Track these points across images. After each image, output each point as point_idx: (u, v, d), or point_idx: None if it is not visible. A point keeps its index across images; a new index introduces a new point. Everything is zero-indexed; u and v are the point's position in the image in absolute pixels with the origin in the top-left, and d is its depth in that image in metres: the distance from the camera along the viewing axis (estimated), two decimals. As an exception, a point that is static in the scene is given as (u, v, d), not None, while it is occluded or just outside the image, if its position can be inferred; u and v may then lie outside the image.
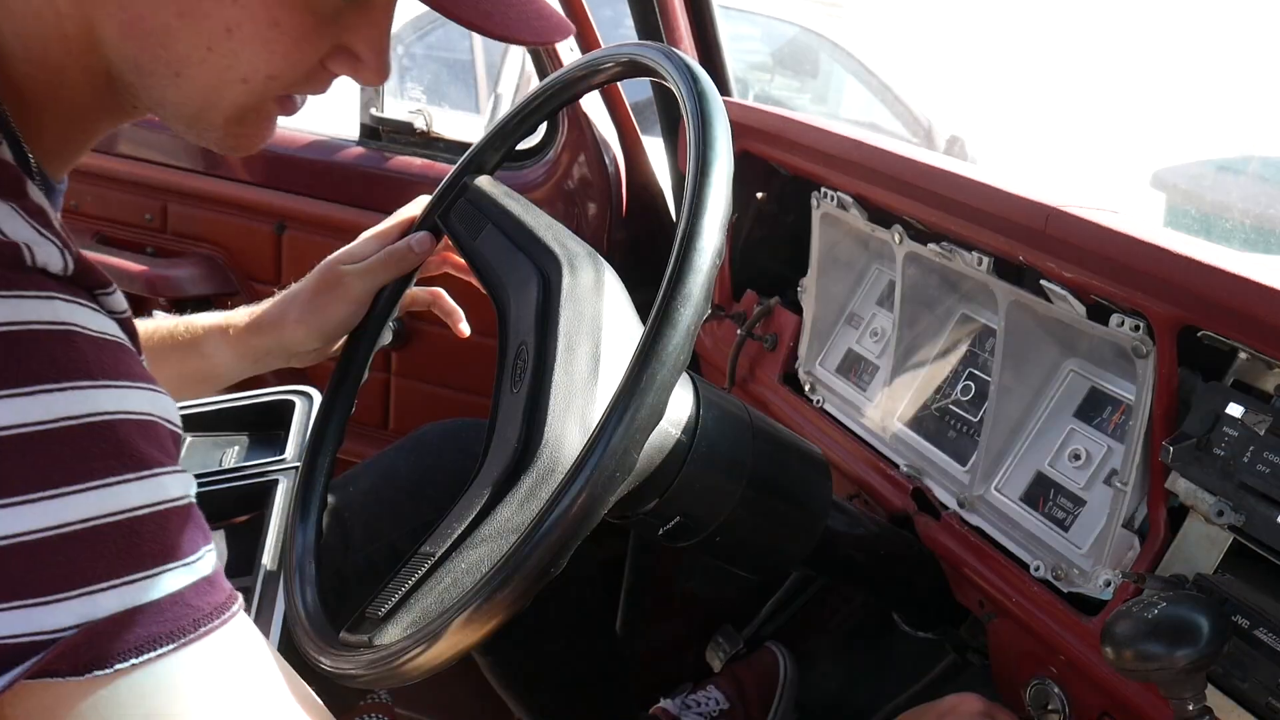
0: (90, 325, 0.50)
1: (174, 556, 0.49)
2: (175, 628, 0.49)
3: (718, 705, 1.32)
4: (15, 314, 0.47)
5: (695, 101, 0.68)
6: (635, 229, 1.69)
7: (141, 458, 0.49)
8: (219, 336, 0.98)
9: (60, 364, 0.47)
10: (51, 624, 0.45)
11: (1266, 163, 3.34)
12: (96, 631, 0.46)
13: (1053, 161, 3.68)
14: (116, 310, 0.56)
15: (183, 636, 0.49)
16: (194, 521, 0.52)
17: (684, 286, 0.59)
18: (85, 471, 0.47)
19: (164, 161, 1.85)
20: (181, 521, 0.51)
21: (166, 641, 0.48)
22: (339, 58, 0.63)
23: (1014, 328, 0.99)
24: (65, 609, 0.45)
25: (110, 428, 0.48)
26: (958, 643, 1.11)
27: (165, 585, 0.49)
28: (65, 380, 0.47)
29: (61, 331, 0.48)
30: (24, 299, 0.47)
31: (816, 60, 4.23)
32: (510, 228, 0.87)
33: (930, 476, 1.08)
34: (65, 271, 0.51)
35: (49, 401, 0.46)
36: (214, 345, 0.98)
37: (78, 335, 0.49)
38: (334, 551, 1.03)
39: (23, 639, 0.45)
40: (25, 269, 0.48)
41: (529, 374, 0.74)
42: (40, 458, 0.46)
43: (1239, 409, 0.76)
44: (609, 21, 2.24)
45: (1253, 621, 0.72)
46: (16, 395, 0.45)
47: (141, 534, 0.48)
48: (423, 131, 1.76)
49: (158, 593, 0.48)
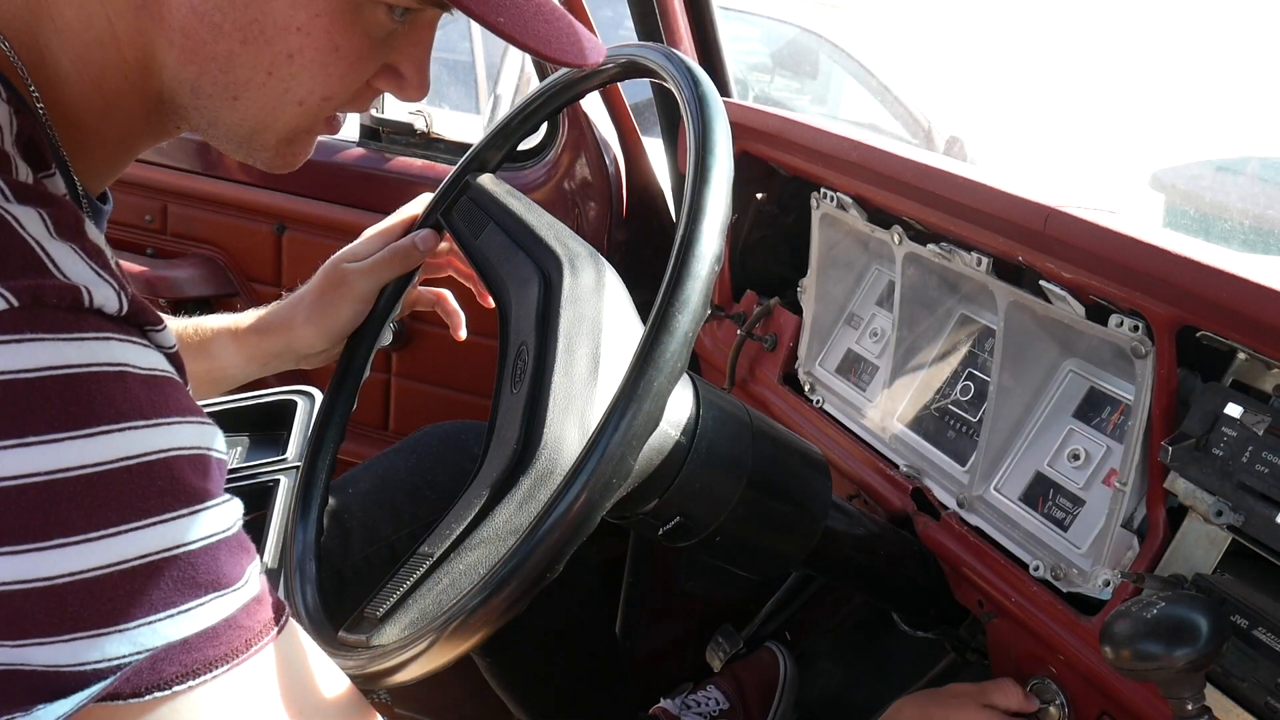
0: (141, 364, 0.52)
1: (226, 584, 0.52)
2: (229, 649, 0.51)
3: (718, 705, 1.32)
4: (77, 356, 0.48)
5: (695, 104, 0.68)
6: (635, 229, 1.69)
7: (193, 492, 0.51)
8: (227, 339, 0.99)
9: (117, 405, 0.49)
10: (115, 652, 0.47)
11: (1265, 163, 3.34)
12: (157, 658, 0.49)
13: (1053, 161, 3.68)
14: (166, 346, 0.57)
15: (236, 657, 0.51)
16: (242, 546, 0.54)
17: (682, 293, 0.59)
18: (142, 510, 0.49)
19: (164, 163, 1.85)
20: (231, 549, 0.53)
21: (222, 663, 0.51)
22: (385, 76, 0.65)
23: (1013, 328, 0.99)
24: (128, 639, 0.48)
25: (165, 465, 0.50)
26: (957, 643, 1.11)
27: (219, 610, 0.51)
28: (122, 421, 0.49)
29: (116, 373, 0.50)
30: (84, 341, 0.49)
31: (816, 61, 4.23)
32: (512, 226, 0.87)
33: (930, 476, 1.08)
34: (120, 312, 0.52)
35: (108, 443, 0.48)
36: (222, 347, 0.99)
37: (130, 375, 0.50)
38: (333, 552, 1.03)
39: (89, 666, 0.47)
40: (83, 311, 0.50)
41: (529, 375, 0.74)
42: (101, 498, 0.48)
43: (1238, 409, 0.76)
44: (609, 22, 2.24)
45: (1251, 621, 0.72)
46: (80, 438, 0.47)
47: (197, 566, 0.50)
48: (423, 132, 1.76)
49: (213, 618, 0.51)
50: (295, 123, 0.63)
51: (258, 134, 0.64)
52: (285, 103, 0.61)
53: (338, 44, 0.59)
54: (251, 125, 0.63)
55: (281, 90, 0.60)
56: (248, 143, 0.64)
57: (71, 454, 0.47)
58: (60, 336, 0.48)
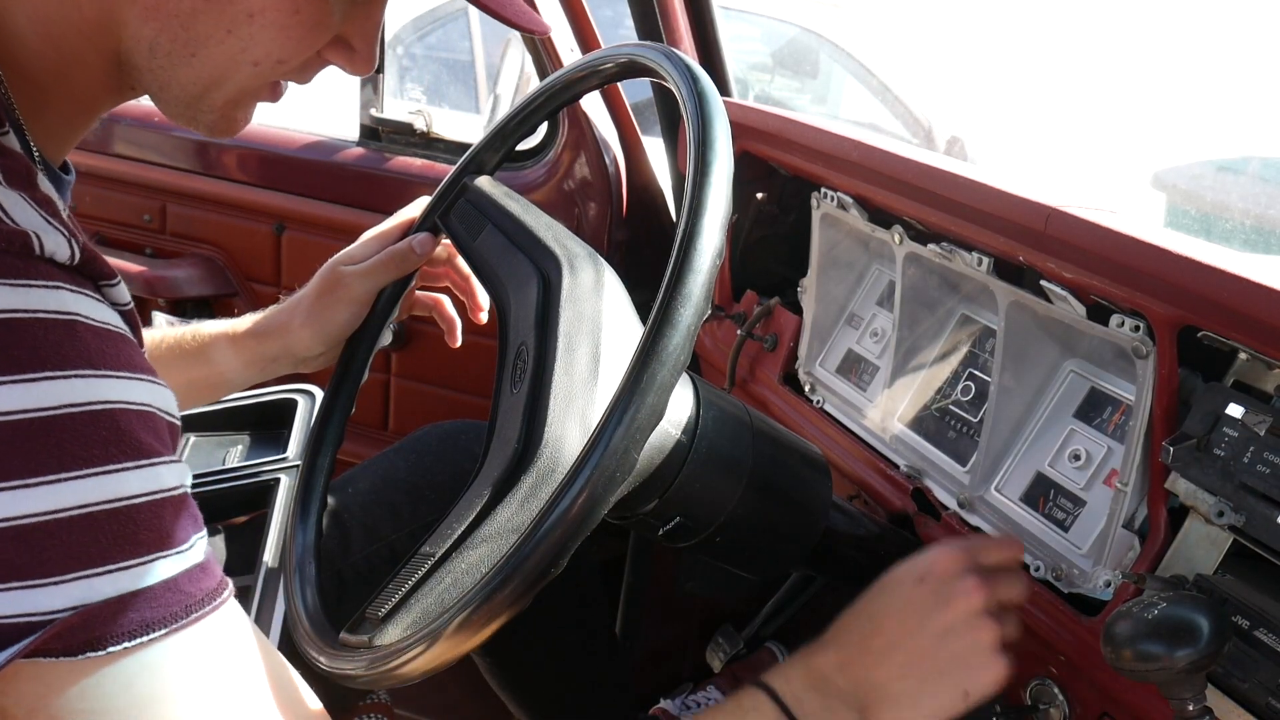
0: (94, 315, 0.51)
1: (169, 544, 0.50)
2: (168, 613, 0.50)
3: (716, 703, 1.32)
4: (23, 302, 0.47)
5: (695, 102, 0.68)
6: (635, 229, 1.69)
7: (140, 446, 0.50)
8: (225, 343, 0.98)
9: (64, 352, 0.48)
10: (48, 606, 0.46)
11: (1266, 163, 3.34)
12: (91, 615, 0.47)
13: (1053, 161, 3.68)
14: (120, 302, 0.56)
15: (175, 622, 0.50)
16: (188, 510, 0.53)
17: (684, 286, 0.59)
18: (84, 458, 0.47)
19: (163, 162, 1.85)
20: (176, 510, 0.52)
21: (160, 626, 0.49)
22: (336, 48, 0.66)
23: (1014, 328, 0.99)
24: (62, 592, 0.46)
25: (110, 416, 0.49)
26: (958, 643, 1.11)
27: (160, 571, 0.49)
28: (68, 368, 0.48)
29: (66, 321, 0.49)
30: (31, 288, 0.48)
31: (816, 60, 4.23)
32: (510, 228, 0.86)
33: (930, 477, 1.08)
34: (72, 261, 0.52)
35: (52, 389, 0.47)
36: (221, 352, 0.98)
37: (81, 325, 0.50)
38: (333, 552, 1.03)
39: (19, 619, 0.46)
40: (33, 257, 0.49)
41: (529, 374, 0.74)
42: (41, 443, 0.46)
43: (1239, 409, 0.76)
44: (609, 21, 2.24)
45: (1253, 622, 0.72)
46: (20, 381, 0.46)
47: (138, 521, 0.49)
48: (422, 132, 1.76)
49: (152, 579, 0.49)
50: (246, 84, 0.64)
51: (209, 94, 0.64)
52: (241, 62, 0.62)
53: (298, 7, 0.60)
54: (205, 84, 0.63)
55: (239, 49, 0.61)
56: (196, 103, 0.65)
57: (12, 398, 0.46)
58: (7, 281, 0.47)
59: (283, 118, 1.88)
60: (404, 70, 3.53)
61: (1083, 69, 4.23)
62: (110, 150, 1.87)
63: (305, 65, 0.65)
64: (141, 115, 1.86)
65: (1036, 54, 4.33)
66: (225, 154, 1.84)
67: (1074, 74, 4.22)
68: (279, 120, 1.86)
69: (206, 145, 1.84)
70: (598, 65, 0.85)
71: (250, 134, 1.84)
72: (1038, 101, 4.11)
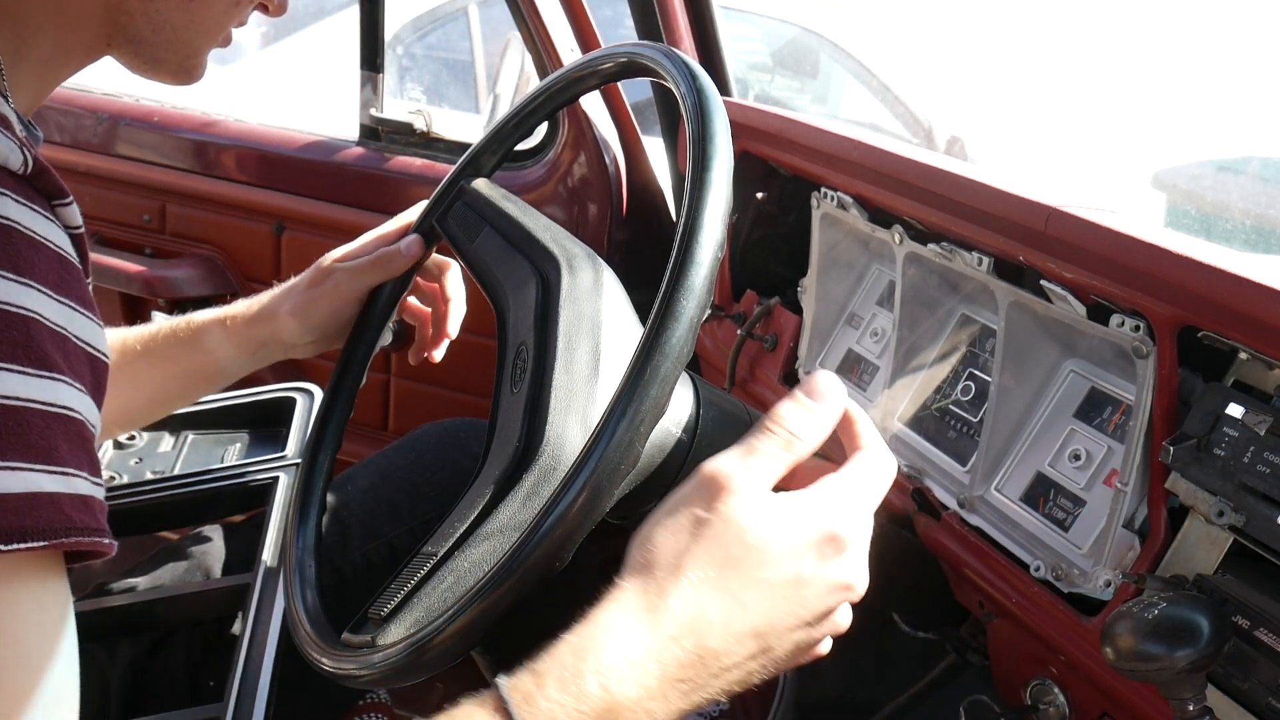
0: (33, 227, 0.51)
1: (58, 462, 0.49)
2: (48, 526, 0.48)
3: (717, 706, 1.32)
4: None
5: (695, 100, 0.68)
6: (635, 229, 1.69)
7: (46, 359, 0.49)
8: (219, 330, 0.98)
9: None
10: None
11: (1266, 163, 3.34)
12: None
13: (1053, 161, 3.68)
14: (71, 224, 0.56)
15: (53, 538, 0.48)
16: (85, 445, 0.51)
17: (686, 279, 0.59)
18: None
19: (163, 162, 1.85)
20: (72, 434, 0.50)
21: (37, 538, 0.47)
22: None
23: (1014, 328, 0.99)
24: None
25: (24, 322, 0.48)
26: (958, 643, 1.11)
27: (45, 483, 0.48)
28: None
29: (2, 226, 0.49)
30: None
31: (816, 60, 4.22)
32: (508, 229, 0.86)
33: (930, 476, 1.08)
34: (24, 170, 0.52)
35: None
36: (215, 340, 0.98)
37: (16, 232, 0.49)
38: (332, 550, 1.03)
39: None
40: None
41: (529, 374, 0.74)
42: None
43: (1239, 409, 0.76)
44: (609, 21, 2.24)
45: (1253, 622, 0.72)
46: None
47: (32, 427, 0.48)
48: (422, 132, 1.76)
49: (37, 487, 0.47)
50: (226, 23, 0.69)
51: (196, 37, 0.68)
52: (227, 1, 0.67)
53: None
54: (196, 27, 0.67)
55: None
56: (184, 46, 0.68)
57: None
58: None
59: (283, 118, 1.88)
60: (404, 70, 3.53)
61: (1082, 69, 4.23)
62: (110, 150, 1.87)
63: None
64: (141, 115, 1.86)
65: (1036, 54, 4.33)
66: (225, 154, 1.84)
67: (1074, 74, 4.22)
68: (279, 120, 1.86)
69: (206, 145, 1.84)
70: (597, 65, 0.85)
71: (250, 134, 1.84)
72: (1038, 101, 4.11)
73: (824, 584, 0.57)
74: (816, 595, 0.57)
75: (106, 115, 1.86)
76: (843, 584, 0.58)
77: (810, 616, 0.57)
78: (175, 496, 1.08)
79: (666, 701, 0.52)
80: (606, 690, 0.51)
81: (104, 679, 0.92)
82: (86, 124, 1.88)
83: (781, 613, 0.55)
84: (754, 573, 0.55)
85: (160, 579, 0.99)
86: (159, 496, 1.08)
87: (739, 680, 0.56)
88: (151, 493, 1.08)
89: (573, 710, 0.50)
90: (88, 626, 0.94)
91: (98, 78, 1.88)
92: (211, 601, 0.96)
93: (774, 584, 0.55)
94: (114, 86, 1.91)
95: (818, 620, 0.58)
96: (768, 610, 0.55)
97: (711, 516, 0.55)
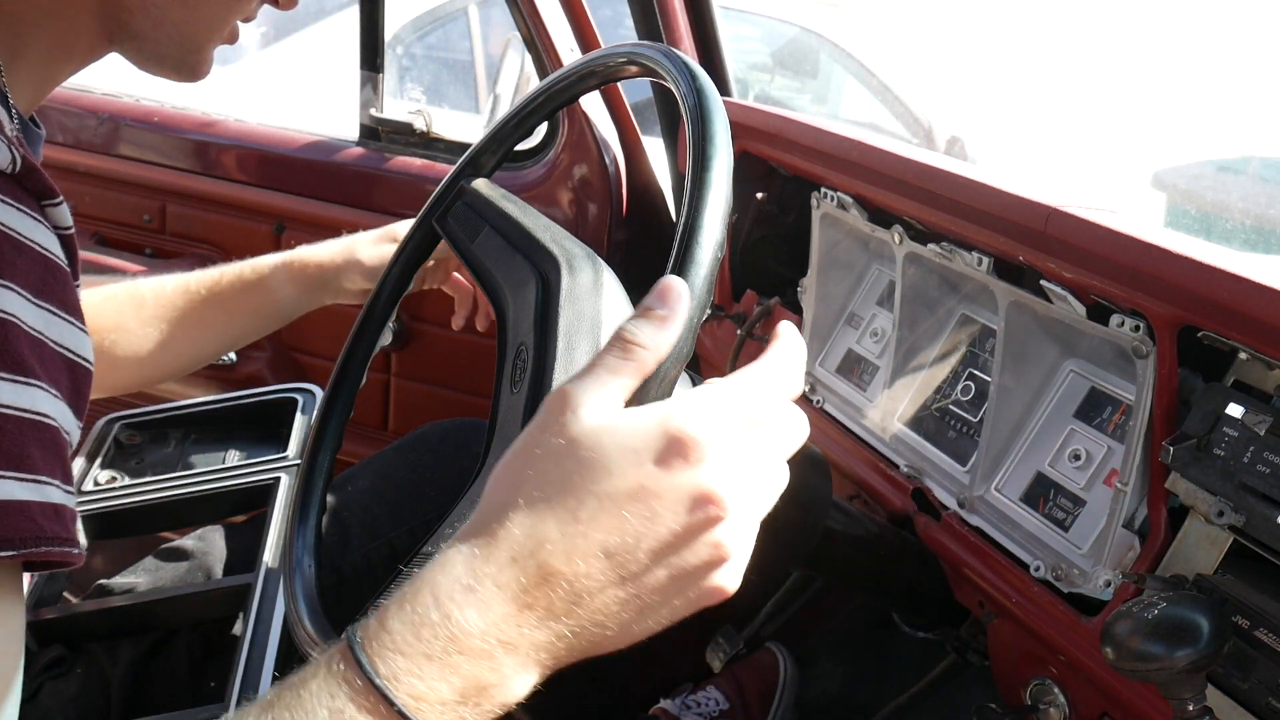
0: (18, 228, 0.50)
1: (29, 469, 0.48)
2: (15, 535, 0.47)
3: (718, 706, 1.32)
4: None
5: (694, 99, 0.68)
6: (635, 229, 1.69)
7: (22, 363, 0.49)
8: (284, 273, 1.08)
9: None
10: None
11: (1266, 163, 3.34)
12: None
13: (1053, 161, 3.68)
14: (61, 225, 0.56)
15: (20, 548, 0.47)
16: (59, 453, 0.51)
17: (686, 279, 0.59)
18: None
19: (163, 162, 1.85)
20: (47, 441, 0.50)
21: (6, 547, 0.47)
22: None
23: (1014, 328, 0.99)
24: None
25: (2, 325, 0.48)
26: (958, 643, 1.11)
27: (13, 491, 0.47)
28: None
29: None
30: None
31: (816, 60, 4.22)
32: (508, 229, 0.86)
33: (930, 476, 1.08)
34: (11, 169, 0.51)
35: None
36: (279, 281, 1.08)
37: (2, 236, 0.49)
38: (333, 550, 1.03)
39: None
40: None
41: (529, 374, 0.74)
42: None
43: (1239, 409, 0.76)
44: (609, 21, 2.24)
45: (1253, 622, 0.72)
46: None
47: (3, 431, 0.47)
48: (422, 132, 1.76)
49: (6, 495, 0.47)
50: (230, 18, 0.68)
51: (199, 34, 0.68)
52: None
53: None
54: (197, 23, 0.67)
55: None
56: (187, 43, 0.68)
57: None
58: None
59: (283, 118, 1.88)
60: (404, 70, 3.53)
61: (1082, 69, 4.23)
62: (110, 150, 1.87)
63: None
64: (142, 115, 1.86)
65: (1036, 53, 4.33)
66: (225, 154, 1.84)
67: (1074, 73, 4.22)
68: (279, 120, 1.86)
69: (206, 145, 1.84)
70: (597, 65, 0.85)
71: (250, 134, 1.84)
72: (1037, 101, 4.11)
73: (674, 495, 0.49)
74: (669, 509, 0.49)
75: (107, 115, 1.86)
76: (698, 494, 0.49)
77: (670, 536, 0.49)
78: (176, 497, 1.08)
79: (519, 631, 0.47)
80: (448, 618, 0.47)
81: (105, 680, 0.92)
82: (87, 124, 1.88)
83: (630, 531, 0.48)
84: (590, 486, 0.49)
85: (161, 579, 1.00)
86: (160, 497, 1.08)
87: (612, 615, 0.49)
88: (152, 493, 1.08)
89: (413, 640, 0.46)
90: (88, 627, 0.94)
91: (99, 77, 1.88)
92: (212, 602, 0.96)
93: (612, 497, 0.48)
94: (114, 86, 1.91)
95: (683, 542, 0.49)
96: (612, 527, 0.48)
97: (547, 437, 0.50)
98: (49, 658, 0.92)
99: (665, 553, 0.49)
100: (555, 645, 0.48)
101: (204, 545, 1.03)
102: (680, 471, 0.49)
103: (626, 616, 0.50)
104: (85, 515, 1.05)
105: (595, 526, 0.48)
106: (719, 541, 0.50)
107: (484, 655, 0.46)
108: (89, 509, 1.05)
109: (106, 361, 0.98)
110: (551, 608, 0.48)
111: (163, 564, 1.01)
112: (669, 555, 0.49)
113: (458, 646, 0.46)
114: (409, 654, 0.46)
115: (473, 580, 0.47)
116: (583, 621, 0.49)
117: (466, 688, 0.46)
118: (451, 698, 0.46)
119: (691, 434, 0.49)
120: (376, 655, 0.46)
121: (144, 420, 1.22)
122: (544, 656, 0.48)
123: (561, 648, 0.49)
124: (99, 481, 1.11)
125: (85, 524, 1.05)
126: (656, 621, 0.51)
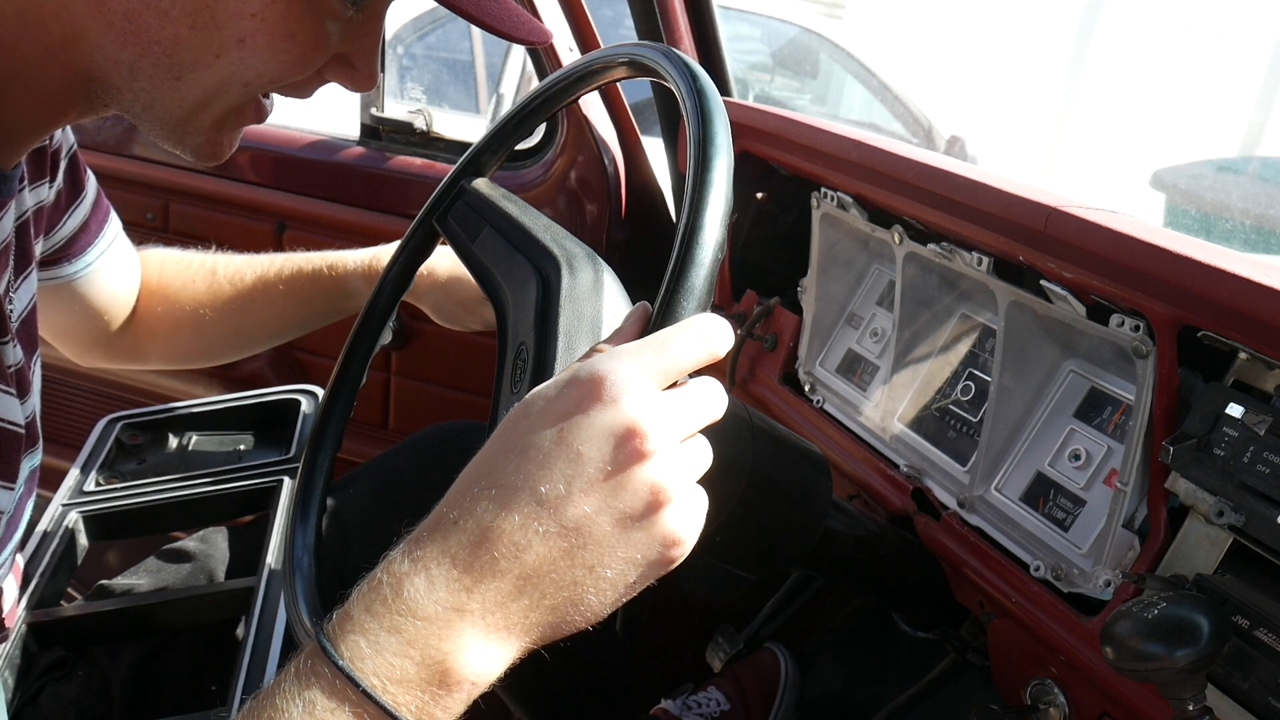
0: None
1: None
2: None
3: (718, 706, 1.32)
4: None
5: (694, 99, 0.68)
6: (635, 229, 1.69)
7: None
8: (362, 280, 1.10)
9: None
10: None
11: (1266, 163, 3.34)
12: None
13: (1053, 161, 3.68)
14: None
15: None
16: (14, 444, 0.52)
17: (687, 280, 0.59)
18: None
19: (166, 161, 1.86)
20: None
21: None
22: (336, 66, 0.65)
23: (1014, 328, 0.99)
24: None
25: None
26: (958, 643, 1.11)
27: None
28: None
29: None
30: None
31: (817, 61, 4.23)
32: (508, 229, 0.87)
33: (930, 476, 1.08)
34: None
35: None
36: (355, 285, 1.10)
37: None
38: (334, 552, 1.03)
39: None
40: None
41: (529, 374, 0.74)
42: None
43: (1239, 409, 0.76)
44: (609, 21, 2.24)
45: (1253, 622, 0.72)
46: None
47: None
48: (423, 132, 1.76)
49: None
50: (236, 103, 0.63)
51: (195, 115, 0.63)
52: (231, 84, 0.61)
53: (293, 31, 0.59)
54: (191, 106, 0.62)
55: (229, 73, 0.60)
56: (184, 124, 0.64)
57: None
58: None
59: (283, 117, 1.88)
60: (404, 70, 3.53)
61: (1083, 69, 4.22)
62: (113, 149, 1.87)
63: (303, 84, 0.65)
64: (142, 115, 1.86)
65: (1036, 54, 4.33)
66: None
67: (1074, 74, 4.22)
68: (280, 120, 1.86)
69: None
70: (597, 65, 0.85)
71: (251, 134, 1.84)
72: (1037, 101, 4.11)
73: (593, 432, 0.48)
74: (592, 447, 0.48)
75: (110, 115, 1.87)
76: (618, 428, 0.48)
77: (598, 474, 0.48)
78: (179, 498, 1.08)
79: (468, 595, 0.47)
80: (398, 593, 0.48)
81: (106, 682, 0.92)
82: (89, 124, 1.88)
83: (559, 475, 0.48)
84: (516, 442, 0.50)
85: (163, 581, 0.99)
86: (162, 498, 1.08)
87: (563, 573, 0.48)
88: (155, 494, 1.08)
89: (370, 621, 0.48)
90: (89, 629, 0.94)
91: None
92: (215, 605, 0.96)
93: (538, 447, 0.49)
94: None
95: (616, 483, 0.48)
96: (540, 476, 0.48)
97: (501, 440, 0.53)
98: (49, 660, 0.92)
99: (601, 495, 0.48)
100: (508, 608, 0.48)
101: (206, 547, 1.03)
102: (595, 411, 0.49)
103: (579, 574, 0.49)
104: (86, 515, 1.05)
105: (525, 478, 0.49)
106: (654, 481, 0.49)
107: (437, 622, 0.47)
108: (90, 509, 1.05)
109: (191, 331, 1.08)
110: (495, 566, 0.48)
111: (165, 565, 1.01)
112: (607, 498, 0.48)
113: (412, 617, 0.47)
114: (368, 633, 0.47)
115: (419, 551, 0.50)
116: (531, 580, 0.48)
117: (427, 662, 0.47)
118: (416, 676, 0.47)
119: (601, 373, 0.50)
120: (340, 640, 0.47)
121: (145, 420, 1.22)
122: (498, 621, 0.48)
123: (515, 611, 0.49)
124: (100, 482, 1.11)
125: (86, 524, 1.05)
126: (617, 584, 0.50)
